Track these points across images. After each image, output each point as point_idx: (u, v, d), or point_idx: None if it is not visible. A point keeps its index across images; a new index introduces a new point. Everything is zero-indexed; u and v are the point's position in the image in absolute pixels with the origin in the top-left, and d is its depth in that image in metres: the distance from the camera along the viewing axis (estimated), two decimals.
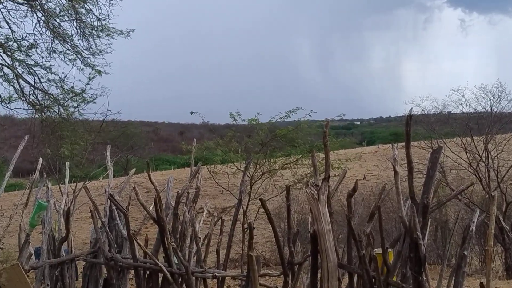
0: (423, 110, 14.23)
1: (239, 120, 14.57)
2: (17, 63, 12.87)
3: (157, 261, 5.45)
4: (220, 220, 6.16)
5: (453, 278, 4.30)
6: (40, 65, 13.05)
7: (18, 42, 12.82)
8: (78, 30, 13.13)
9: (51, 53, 13.17)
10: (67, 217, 6.22)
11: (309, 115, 14.31)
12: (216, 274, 5.42)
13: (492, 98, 13.26)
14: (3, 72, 12.98)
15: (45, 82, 13.26)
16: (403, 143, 4.10)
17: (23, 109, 13.54)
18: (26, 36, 12.77)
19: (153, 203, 5.40)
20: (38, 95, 13.49)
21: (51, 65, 13.10)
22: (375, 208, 4.32)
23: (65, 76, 13.18)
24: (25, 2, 12.49)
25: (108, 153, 7.22)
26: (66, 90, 13.42)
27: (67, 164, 7.71)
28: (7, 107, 13.49)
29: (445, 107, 14.45)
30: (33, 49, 12.92)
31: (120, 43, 13.70)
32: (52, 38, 13.08)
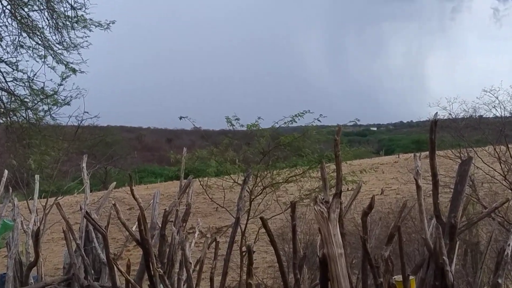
0: (450, 114, 14.24)
1: (237, 126, 14.50)
2: None
3: None
4: (214, 242, 6.16)
5: None
6: (5, 61, 13.08)
7: None
8: (50, 21, 13.16)
9: (18, 47, 13.20)
10: (36, 238, 6.23)
11: (318, 120, 14.23)
12: None
13: None
14: None
15: (11, 81, 13.28)
16: (427, 153, 4.12)
17: None
18: None
19: (137, 222, 5.41)
20: (3, 96, 13.52)
21: (18, 61, 13.13)
22: (394, 229, 4.33)
23: (34, 74, 13.19)
24: None
25: (84, 164, 7.25)
26: (35, 91, 13.41)
27: (37, 177, 7.74)
28: None
29: (475, 110, 14.44)
30: None
31: (97, 35, 13.70)
32: (19, 31, 13.12)
